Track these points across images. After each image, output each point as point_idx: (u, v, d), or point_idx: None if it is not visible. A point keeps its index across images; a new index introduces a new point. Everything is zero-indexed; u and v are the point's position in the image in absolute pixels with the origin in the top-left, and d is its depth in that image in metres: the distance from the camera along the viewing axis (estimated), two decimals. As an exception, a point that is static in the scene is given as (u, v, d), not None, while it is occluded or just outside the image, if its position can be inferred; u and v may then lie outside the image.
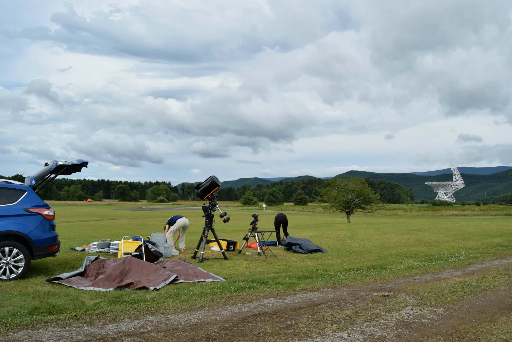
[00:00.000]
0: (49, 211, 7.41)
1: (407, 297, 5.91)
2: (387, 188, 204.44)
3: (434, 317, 4.93)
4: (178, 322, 4.59)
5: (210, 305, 5.39)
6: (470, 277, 7.58)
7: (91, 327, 4.37)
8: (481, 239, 15.04)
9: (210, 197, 9.78)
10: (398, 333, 4.31)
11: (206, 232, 9.55)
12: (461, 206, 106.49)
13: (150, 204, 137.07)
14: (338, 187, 36.75)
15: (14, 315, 4.65)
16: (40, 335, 4.08)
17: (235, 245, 11.36)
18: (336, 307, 5.33)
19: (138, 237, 9.93)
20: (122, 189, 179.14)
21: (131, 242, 9.52)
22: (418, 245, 13.05)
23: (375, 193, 37.50)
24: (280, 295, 6.03)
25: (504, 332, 4.35)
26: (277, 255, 10.30)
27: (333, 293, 6.22)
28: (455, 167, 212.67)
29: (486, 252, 11.42)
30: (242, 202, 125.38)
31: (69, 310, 4.95)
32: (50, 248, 7.31)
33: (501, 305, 5.56)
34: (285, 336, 4.16)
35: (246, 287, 6.44)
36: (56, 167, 7.59)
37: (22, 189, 7.27)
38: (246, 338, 4.11)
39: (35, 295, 5.62)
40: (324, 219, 41.67)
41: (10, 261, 6.72)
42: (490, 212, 59.32)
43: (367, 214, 45.08)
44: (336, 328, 4.45)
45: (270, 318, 4.82)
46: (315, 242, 13.49)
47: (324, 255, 10.32)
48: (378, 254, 10.70)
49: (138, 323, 4.54)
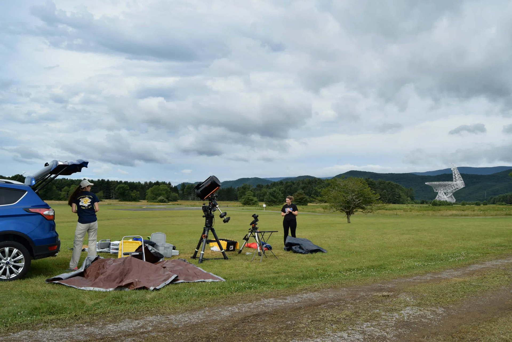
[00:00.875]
0: (49, 211, 7.41)
1: (407, 297, 5.91)
2: (387, 188, 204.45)
3: (434, 317, 4.92)
4: (178, 322, 4.59)
5: (210, 305, 5.39)
6: (470, 277, 7.58)
7: (91, 327, 4.37)
8: (481, 239, 15.04)
9: (210, 197, 9.78)
10: (398, 333, 4.31)
11: (206, 232, 9.56)
12: (461, 206, 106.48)
13: (150, 204, 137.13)
14: (338, 187, 36.77)
15: (14, 315, 4.65)
16: (40, 335, 4.08)
17: (235, 245, 11.36)
18: (336, 307, 5.33)
19: (138, 237, 9.93)
20: (122, 189, 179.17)
21: (131, 242, 9.52)
22: (418, 245, 13.05)
23: (375, 193, 37.50)
24: (280, 295, 6.03)
25: (504, 332, 4.35)
26: (277, 255, 10.30)
27: (333, 293, 6.22)
28: (455, 167, 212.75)
29: (486, 252, 11.42)
30: (242, 202, 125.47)
31: (69, 310, 4.95)
32: (50, 248, 7.31)
33: (501, 305, 5.56)
34: (285, 336, 4.16)
35: (246, 287, 6.44)
36: (56, 167, 7.59)
37: (22, 189, 7.27)
38: (246, 338, 4.11)
39: (35, 295, 5.62)
40: (324, 219, 41.67)
41: (10, 261, 6.72)
42: (490, 212, 59.32)
43: (367, 214, 45.10)
44: (336, 328, 4.45)
45: (270, 318, 4.82)
46: (315, 242, 13.50)
47: (324, 255, 10.33)
48: (378, 254, 10.70)
49: (138, 323, 4.54)
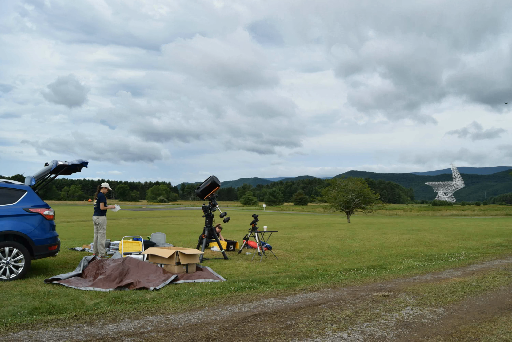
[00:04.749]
0: (49, 211, 7.41)
1: (407, 297, 5.91)
2: (387, 188, 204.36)
3: (434, 317, 4.92)
4: (178, 322, 4.59)
5: (210, 305, 5.39)
6: (470, 277, 7.58)
7: (91, 327, 4.37)
8: (481, 239, 15.04)
9: (210, 197, 9.78)
10: (398, 333, 4.31)
11: (206, 232, 9.56)
12: (461, 206, 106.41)
13: (150, 204, 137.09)
14: (338, 187, 36.76)
15: (14, 315, 4.65)
16: (40, 335, 4.08)
17: (235, 245, 11.36)
18: (336, 307, 5.33)
19: (138, 237, 9.94)
20: (122, 189, 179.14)
21: (131, 242, 9.52)
22: (418, 245, 13.05)
23: (375, 193, 37.49)
24: (280, 295, 6.03)
25: (504, 332, 4.35)
26: (277, 255, 10.29)
27: (333, 293, 6.22)
28: (455, 167, 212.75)
29: (486, 252, 11.42)
30: (242, 202, 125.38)
31: (69, 310, 4.95)
32: (50, 248, 7.31)
33: (501, 305, 5.56)
34: (285, 336, 4.15)
35: (246, 287, 6.44)
36: (56, 167, 7.60)
37: (22, 189, 7.27)
38: (246, 338, 4.11)
39: (35, 295, 5.62)
40: (324, 219, 41.65)
41: (10, 261, 6.72)
42: (490, 212, 59.27)
43: (367, 214, 45.08)
44: (336, 328, 4.45)
45: (270, 318, 4.82)
46: (315, 242, 13.51)
47: (324, 255, 10.32)
48: (378, 254, 10.70)
49: (138, 323, 4.54)
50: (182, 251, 7.24)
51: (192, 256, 7.41)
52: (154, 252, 7.47)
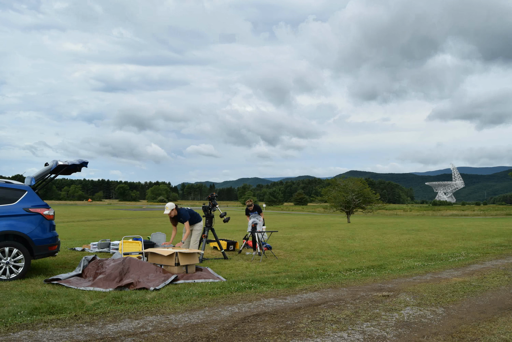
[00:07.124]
0: (49, 210, 7.41)
1: (407, 297, 5.91)
2: (387, 188, 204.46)
3: (434, 317, 4.92)
4: (178, 322, 4.59)
5: (210, 305, 5.39)
6: (470, 277, 7.58)
7: (91, 327, 4.37)
8: (481, 239, 15.04)
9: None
10: (398, 333, 4.31)
11: (206, 232, 9.56)
12: (461, 206, 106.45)
13: (150, 203, 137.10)
14: (338, 187, 36.80)
15: (14, 315, 4.64)
16: (40, 335, 4.07)
17: (235, 245, 11.36)
18: (336, 307, 5.33)
19: (138, 237, 9.93)
20: (122, 189, 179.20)
21: (131, 242, 9.52)
22: (418, 245, 13.05)
23: (375, 193, 37.55)
24: (280, 295, 6.03)
25: (504, 332, 4.35)
26: (277, 255, 10.30)
27: (333, 293, 6.22)
28: (455, 167, 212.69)
29: (486, 252, 11.42)
30: (242, 202, 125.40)
31: (69, 310, 4.95)
32: (50, 248, 7.31)
33: (501, 305, 5.56)
34: (285, 336, 4.15)
35: (246, 287, 6.44)
36: (56, 167, 7.59)
37: (22, 189, 7.27)
38: (246, 338, 4.11)
39: (35, 295, 5.62)
40: (324, 219, 41.66)
41: (10, 261, 6.72)
42: (490, 212, 59.30)
43: (367, 214, 45.10)
44: (336, 328, 4.45)
45: (270, 318, 4.82)
46: (315, 242, 13.51)
47: (324, 255, 10.32)
48: (378, 254, 10.70)
49: (138, 323, 4.54)
50: (182, 251, 7.24)
51: (192, 256, 7.42)
52: (154, 251, 7.47)
